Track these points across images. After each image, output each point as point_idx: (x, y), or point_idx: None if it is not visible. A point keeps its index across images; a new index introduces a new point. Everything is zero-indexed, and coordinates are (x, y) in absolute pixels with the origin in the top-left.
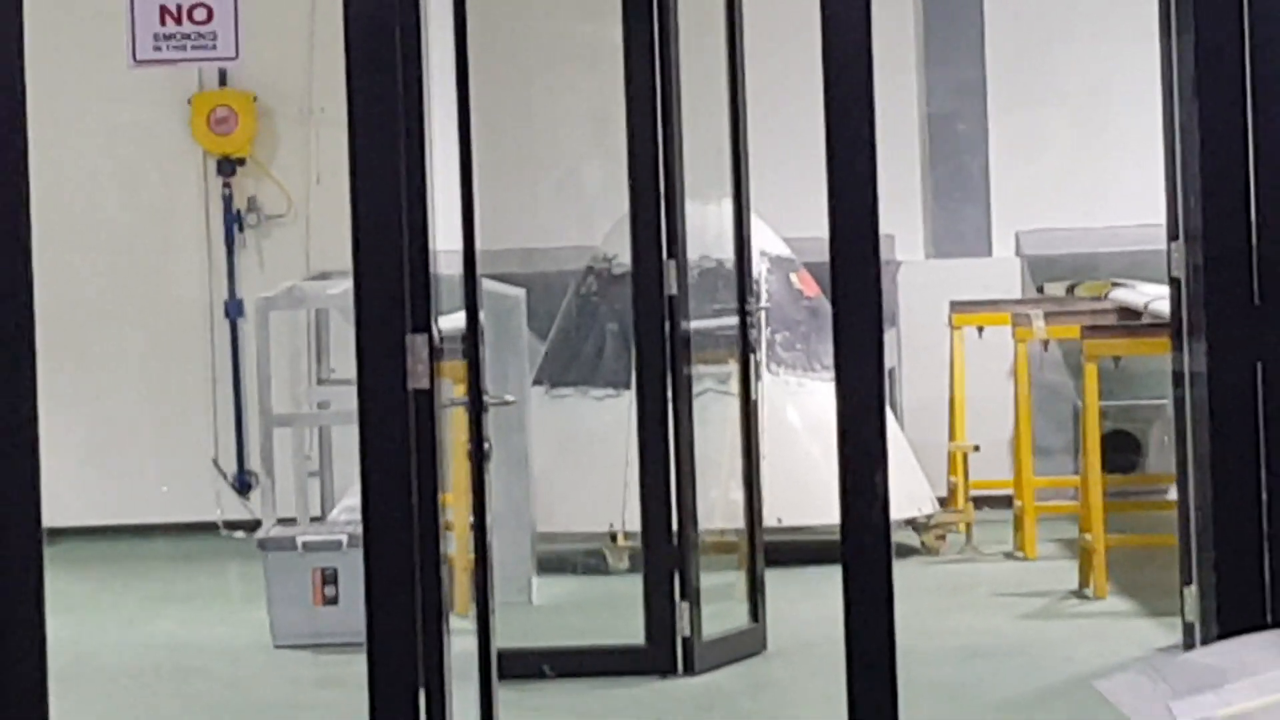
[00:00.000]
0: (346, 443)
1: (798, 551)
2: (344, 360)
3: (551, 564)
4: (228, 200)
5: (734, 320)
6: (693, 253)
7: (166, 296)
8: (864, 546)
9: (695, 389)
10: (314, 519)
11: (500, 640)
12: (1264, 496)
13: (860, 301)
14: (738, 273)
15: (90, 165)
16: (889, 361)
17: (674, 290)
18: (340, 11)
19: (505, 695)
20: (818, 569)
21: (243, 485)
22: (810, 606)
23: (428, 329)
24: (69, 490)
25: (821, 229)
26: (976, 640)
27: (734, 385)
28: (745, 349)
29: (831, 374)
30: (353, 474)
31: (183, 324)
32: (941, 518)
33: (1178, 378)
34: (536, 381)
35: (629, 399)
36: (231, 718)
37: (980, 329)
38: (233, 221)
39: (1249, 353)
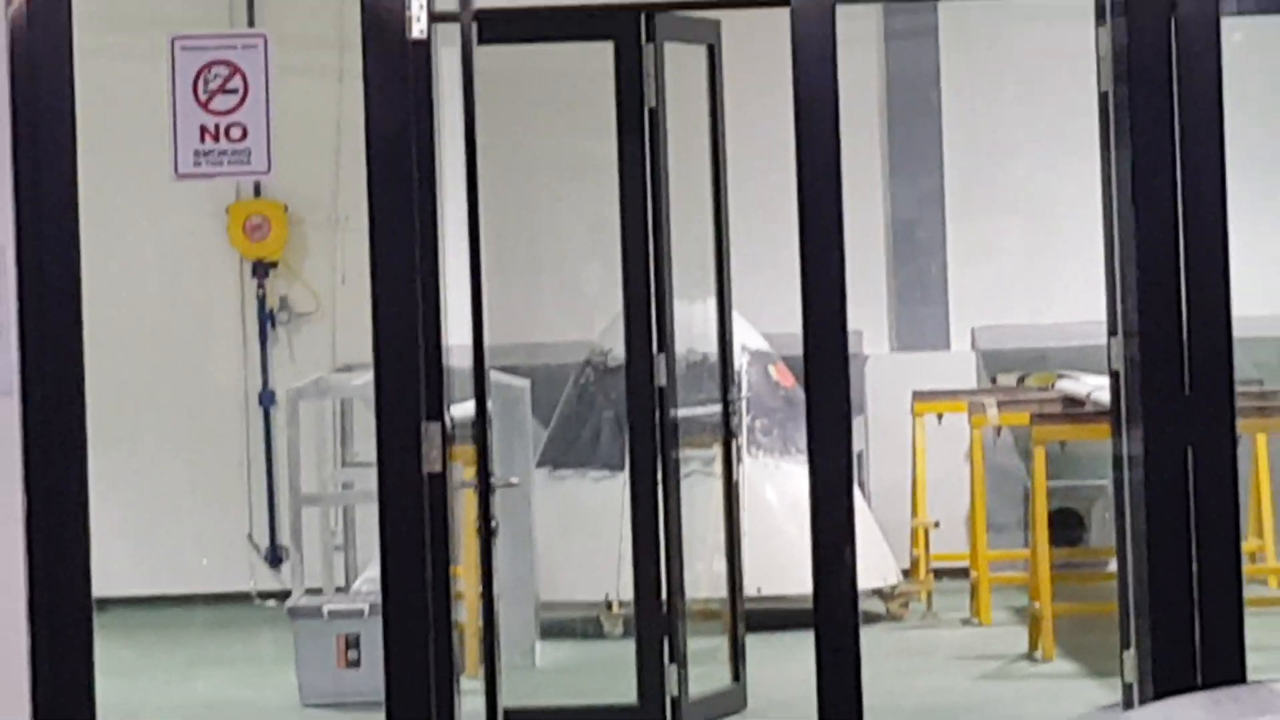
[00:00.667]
0: (368, 520)
1: (775, 618)
2: (366, 445)
3: (553, 630)
4: (261, 299)
5: (717, 409)
6: (680, 347)
7: (206, 387)
8: (834, 614)
9: (683, 471)
10: (338, 589)
11: (506, 700)
12: (1195, 569)
13: (830, 392)
14: (720, 366)
15: (137, 268)
16: (857, 445)
17: (663, 381)
18: (363, 129)
19: None
20: (793, 634)
21: (274, 558)
22: (786, 668)
23: (441, 417)
24: (116, 563)
25: (796, 325)
26: (936, 699)
27: (717, 467)
28: (728, 434)
29: (805, 457)
30: (373, 548)
31: (220, 412)
32: (904, 587)
33: (1117, 460)
34: (539, 464)
35: (623, 480)
36: None
37: (940, 416)
38: (266, 319)
39: (1181, 438)
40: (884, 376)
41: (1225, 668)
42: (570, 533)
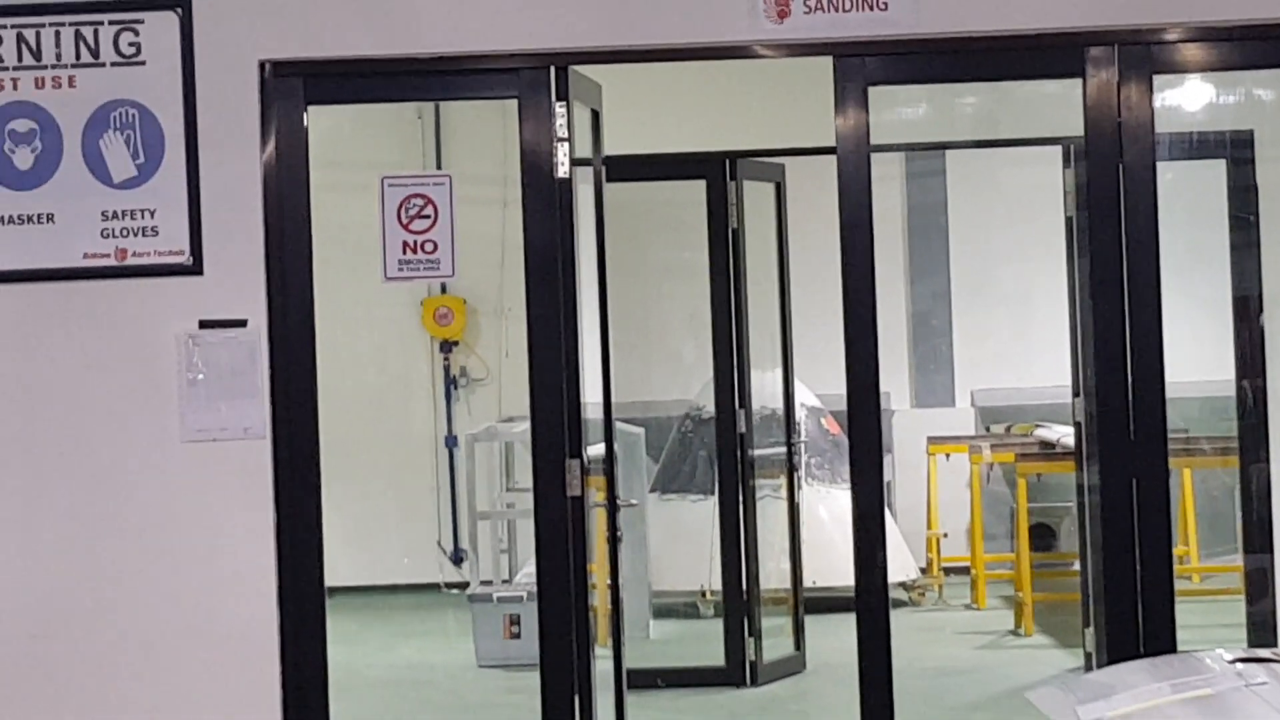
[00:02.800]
0: (525, 530)
1: (826, 603)
2: (524, 475)
3: (661, 611)
4: (446, 369)
5: (783, 449)
6: (756, 404)
7: (407, 432)
8: (870, 600)
9: (757, 495)
10: (504, 581)
11: (628, 663)
12: (1138, 569)
13: (867, 437)
14: (785, 418)
15: (357, 346)
16: (886, 477)
17: (743, 429)
18: (521, 244)
19: (631, 700)
20: (840, 615)
21: (456, 558)
22: (835, 640)
23: (579, 455)
24: (342, 561)
25: (841, 388)
26: (945, 664)
27: (783, 492)
28: (790, 468)
29: (849, 485)
30: (530, 551)
31: (418, 451)
32: (922, 581)
33: (1079, 488)
34: (651, 489)
35: (713, 501)
36: (450, 714)
37: (948, 455)
38: (450, 383)
39: (1127, 472)
40: (906, 426)
41: (1161, 642)
42: (674, 540)
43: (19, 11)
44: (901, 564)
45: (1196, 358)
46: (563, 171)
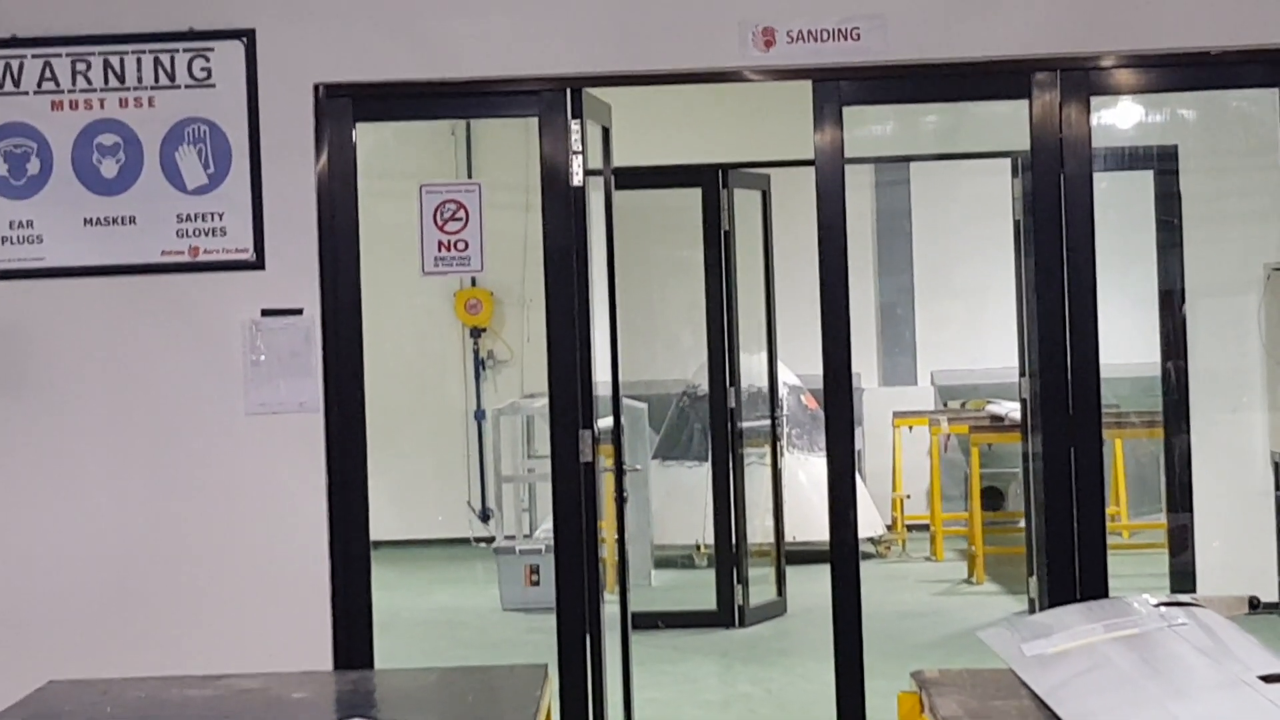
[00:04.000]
0: (544, 492)
1: (804, 555)
2: (543, 444)
3: (662, 562)
4: (475, 352)
5: (767, 422)
6: (744, 383)
7: (442, 407)
8: (843, 553)
9: (745, 462)
10: (525, 536)
11: (632, 606)
12: (1075, 526)
13: (841, 411)
14: (770, 395)
15: (398, 331)
16: (857, 446)
17: (733, 405)
18: (541, 243)
19: (635, 639)
20: (816, 565)
21: (484, 516)
22: (812, 587)
23: (590, 426)
24: (385, 517)
25: (818, 369)
26: (907, 608)
27: (767, 459)
28: (774, 439)
29: (824, 453)
30: (547, 510)
31: (451, 422)
32: (887, 536)
33: (1025, 456)
34: (654, 457)
35: (707, 467)
36: (478, 650)
37: (910, 427)
38: (478, 364)
39: (1066, 442)
40: (874, 402)
41: (1095, 589)
42: (673, 500)
43: (105, 40)
44: (870, 522)
45: (1127, 343)
46: (577, 180)
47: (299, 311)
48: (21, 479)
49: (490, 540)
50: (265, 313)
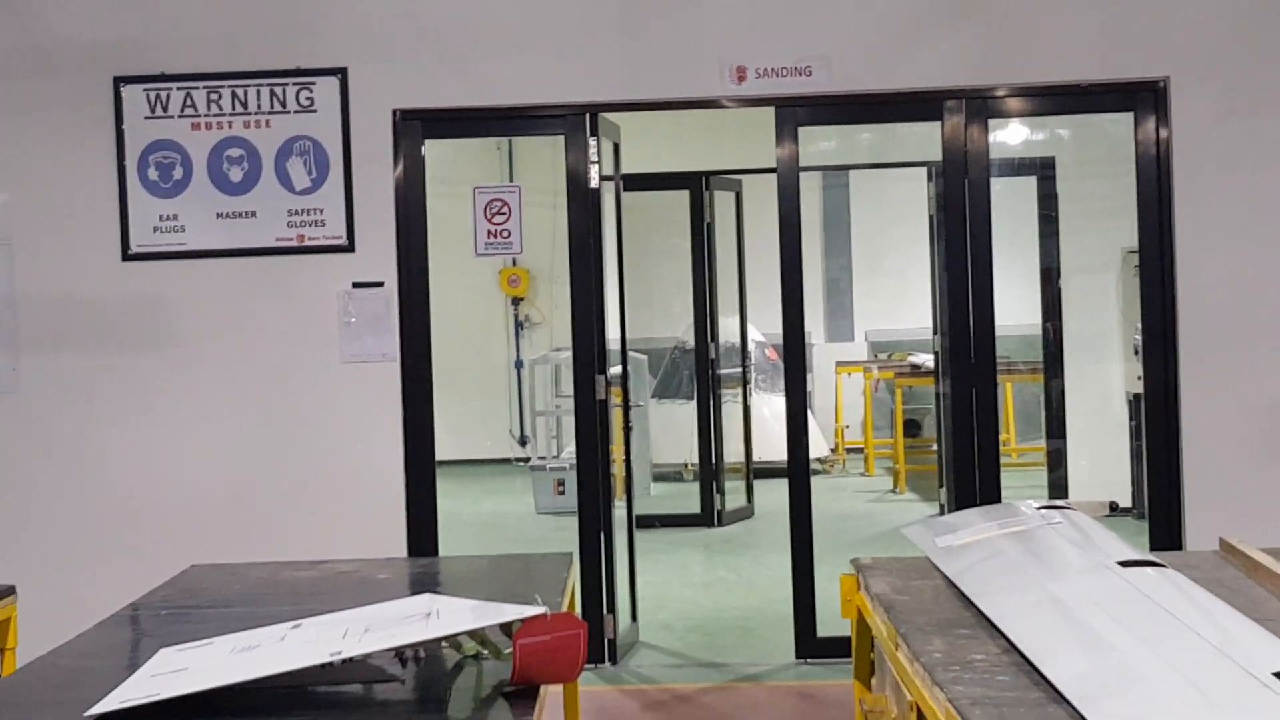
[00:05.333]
0: (568, 423)
1: (768, 471)
2: (567, 386)
3: (659, 476)
4: (515, 316)
5: (739, 370)
6: (721, 339)
7: (489, 358)
8: (797, 469)
9: (722, 400)
10: (554, 456)
11: (636, 510)
12: (975, 449)
13: (796, 361)
14: (741, 349)
15: (457, 300)
16: (808, 388)
17: (713, 356)
18: (566, 230)
19: (638, 535)
20: (778, 479)
21: (522, 441)
22: (774, 496)
23: (604, 372)
24: (445, 442)
25: (778, 328)
26: (846, 511)
27: (739, 398)
28: (744, 382)
29: (783, 393)
30: (571, 437)
31: (496, 370)
32: (831, 457)
33: (937, 396)
34: (653, 396)
35: (693, 404)
36: (517, 543)
37: (849, 374)
38: (517, 326)
39: (968, 384)
40: (822, 354)
41: (990, 496)
42: (667, 429)
43: (233, 77)
44: (818, 445)
45: (1016, 308)
46: (594, 184)
47: (381, 284)
48: (170, 412)
49: (526, 460)
50: (355, 285)
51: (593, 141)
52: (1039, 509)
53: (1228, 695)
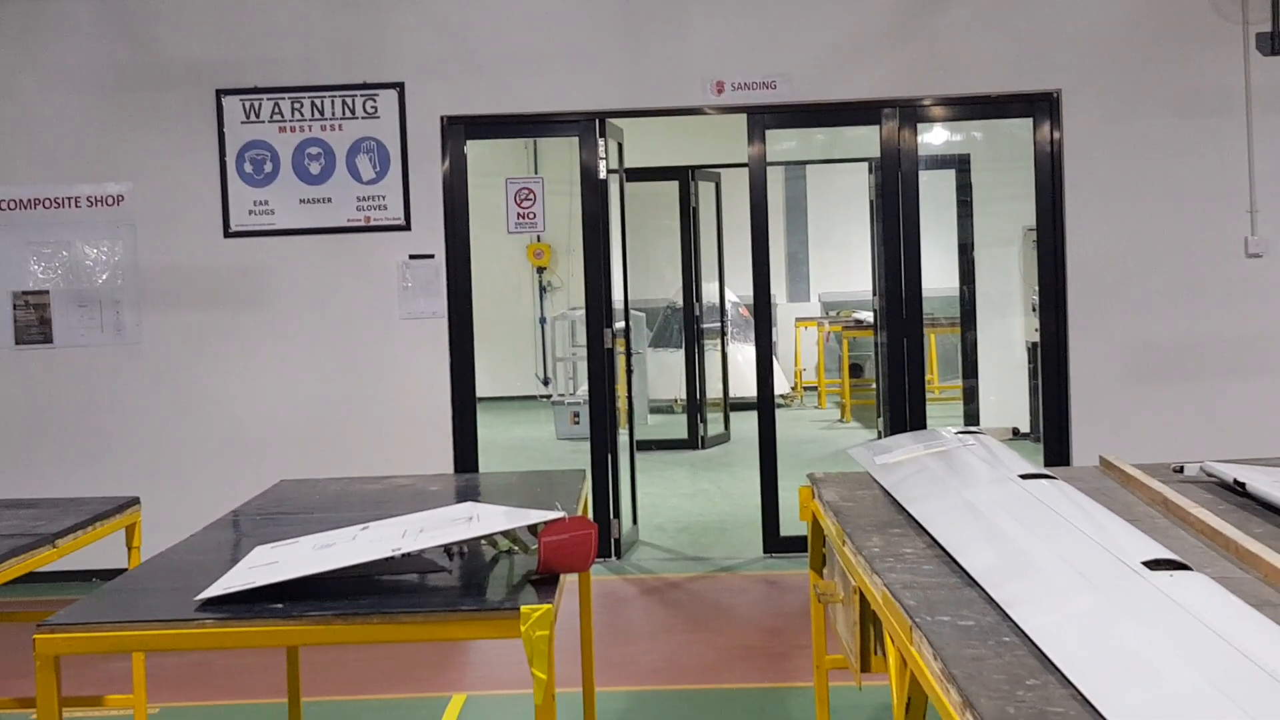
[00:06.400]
0: (582, 367)
1: (742, 405)
2: (581, 338)
3: (655, 410)
4: (539, 282)
5: (718, 324)
6: (705, 300)
7: (519, 315)
8: (765, 403)
9: (705, 349)
10: (570, 394)
11: (636, 436)
12: (906, 386)
13: (763, 317)
14: (720, 307)
15: (490, 270)
16: (774, 339)
17: (698, 314)
18: (580, 213)
19: (638, 456)
20: (749, 411)
21: (545, 381)
22: (747, 425)
23: (611, 326)
24: (484, 381)
25: (750, 290)
26: (804, 437)
27: (719, 347)
28: (723, 333)
29: (754, 343)
30: (584, 378)
31: (525, 325)
32: (791, 393)
33: (876, 345)
34: (650, 345)
35: (682, 352)
36: (542, 462)
37: (806, 327)
38: (541, 289)
39: (901, 335)
40: (784, 312)
41: (918, 424)
42: (662, 372)
43: (312, 89)
44: (780, 384)
45: (939, 275)
46: (602, 175)
47: (431, 256)
48: (263, 360)
49: (549, 397)
50: (411, 257)
51: (601, 142)
52: (956, 434)
53: (1106, 579)
